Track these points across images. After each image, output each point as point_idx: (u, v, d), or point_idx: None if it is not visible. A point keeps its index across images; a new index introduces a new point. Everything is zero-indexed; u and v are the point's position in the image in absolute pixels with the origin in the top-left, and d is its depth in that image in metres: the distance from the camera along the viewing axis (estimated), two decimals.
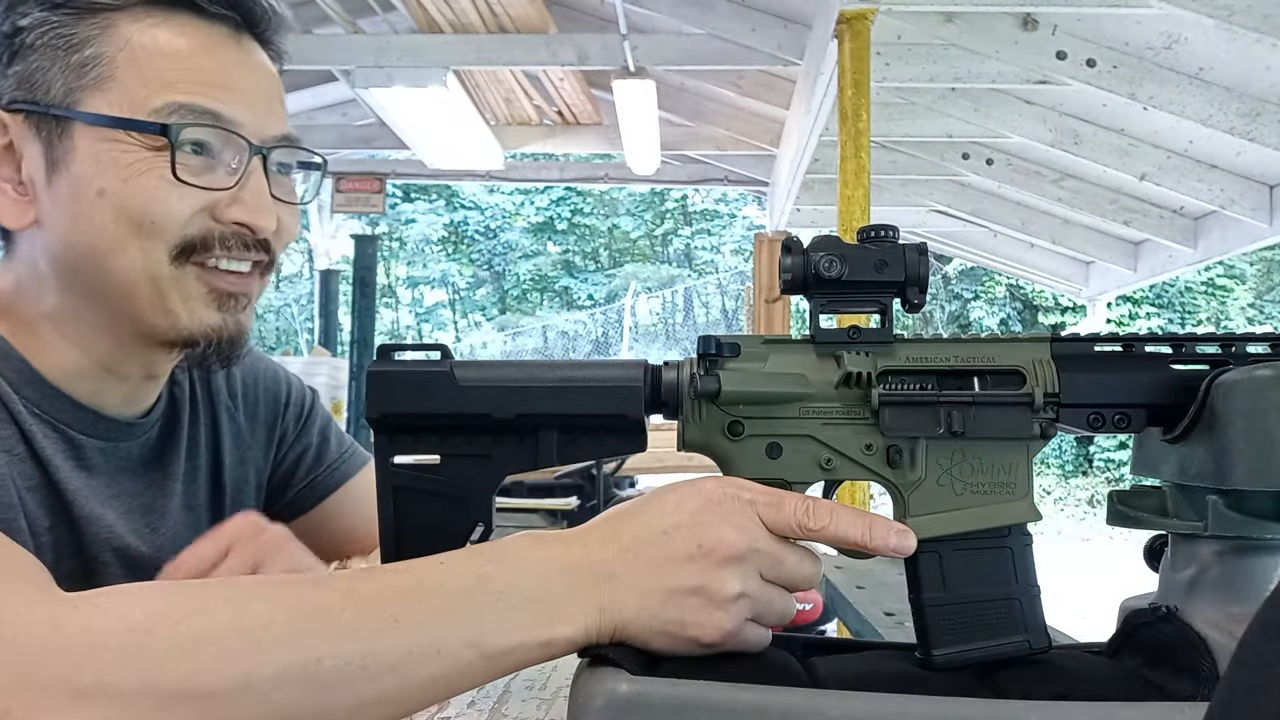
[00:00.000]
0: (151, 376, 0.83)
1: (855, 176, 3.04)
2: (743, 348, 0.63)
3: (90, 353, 0.78)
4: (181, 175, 0.73)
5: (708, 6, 4.56)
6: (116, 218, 0.73)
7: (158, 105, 0.72)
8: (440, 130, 5.51)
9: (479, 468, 0.65)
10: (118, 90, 0.72)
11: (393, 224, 18.97)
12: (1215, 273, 14.29)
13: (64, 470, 0.76)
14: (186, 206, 0.74)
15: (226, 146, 0.75)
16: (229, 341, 0.78)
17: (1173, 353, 0.62)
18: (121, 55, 0.73)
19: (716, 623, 0.56)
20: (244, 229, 0.76)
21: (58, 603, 0.53)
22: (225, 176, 0.75)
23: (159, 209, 0.73)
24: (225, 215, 0.75)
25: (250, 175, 0.76)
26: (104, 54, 0.73)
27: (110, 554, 0.79)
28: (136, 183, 0.72)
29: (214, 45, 0.76)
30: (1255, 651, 0.31)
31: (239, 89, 0.76)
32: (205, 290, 0.76)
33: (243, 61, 0.77)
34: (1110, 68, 3.58)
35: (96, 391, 0.79)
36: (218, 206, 0.75)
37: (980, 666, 0.60)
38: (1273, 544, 0.58)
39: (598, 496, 3.57)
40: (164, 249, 0.74)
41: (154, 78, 0.73)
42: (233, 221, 0.76)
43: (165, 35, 0.74)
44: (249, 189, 0.76)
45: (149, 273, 0.74)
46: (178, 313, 0.75)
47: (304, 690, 0.52)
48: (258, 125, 0.77)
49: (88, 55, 0.72)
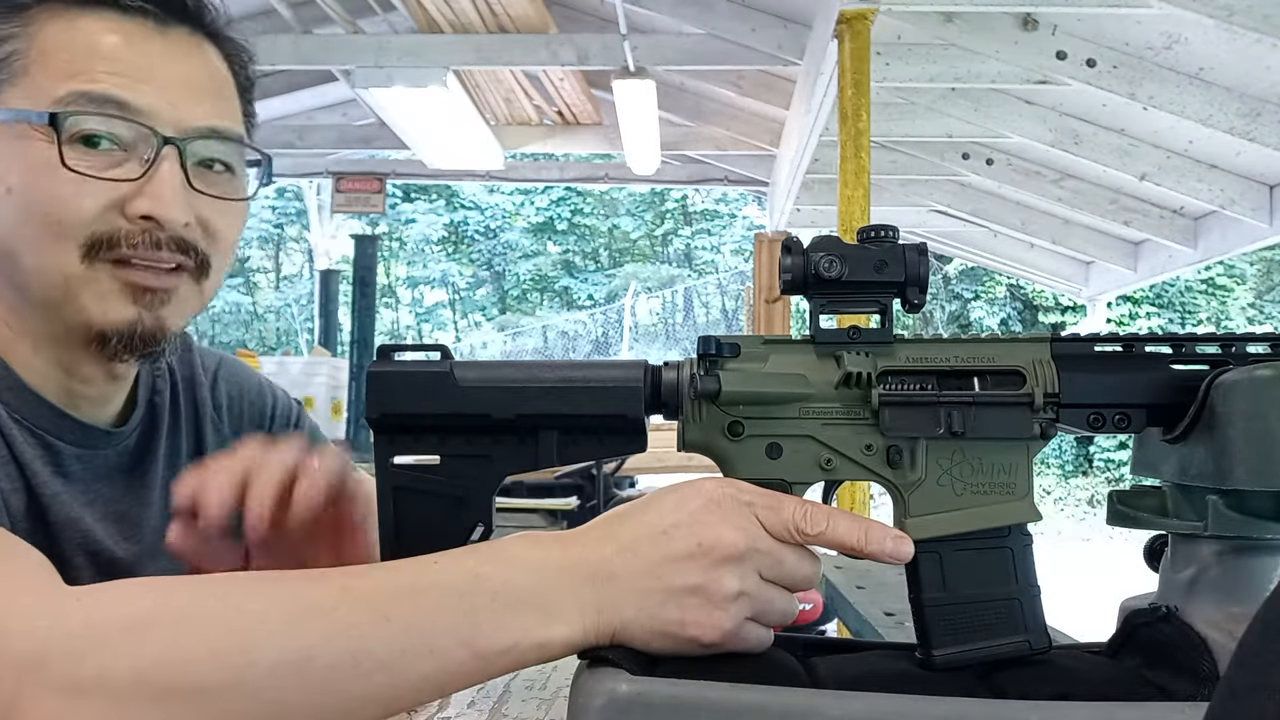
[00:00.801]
0: (114, 378, 0.81)
1: (855, 176, 3.04)
2: (743, 348, 0.63)
3: (43, 353, 0.76)
4: (77, 166, 0.71)
5: (708, 6, 4.56)
6: (24, 215, 0.71)
7: (60, 95, 0.71)
8: (440, 130, 5.51)
9: (479, 468, 0.64)
10: (29, 84, 0.72)
11: (393, 224, 18.97)
12: (1215, 273, 14.29)
13: (42, 475, 0.76)
14: (90, 201, 0.71)
15: (137, 138, 0.73)
16: (143, 338, 0.75)
17: (1173, 353, 0.62)
18: (34, 49, 0.72)
19: (716, 622, 0.56)
20: (151, 223, 0.73)
21: (61, 597, 0.54)
22: (136, 168, 0.73)
23: (59, 204, 0.71)
24: (130, 209, 0.72)
25: (159, 165, 0.73)
26: (19, 49, 0.72)
27: (84, 558, 0.79)
28: (38, 177, 0.71)
29: (129, 37, 0.74)
30: (1255, 651, 0.31)
31: (154, 79, 0.73)
32: (120, 286, 0.73)
33: (164, 53, 0.75)
34: (1110, 68, 3.58)
35: (66, 393, 0.78)
36: (126, 201, 0.73)
37: (980, 666, 0.60)
38: (1273, 544, 0.58)
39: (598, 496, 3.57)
40: (73, 247, 0.72)
41: (60, 69, 0.71)
42: (139, 215, 0.73)
43: (80, 29, 0.73)
44: (156, 180, 0.73)
45: (61, 271, 0.72)
46: (90, 309, 0.73)
47: (296, 687, 0.52)
48: (173, 115, 0.74)
49: (6, 51, 0.72)
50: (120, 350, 0.75)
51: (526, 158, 8.30)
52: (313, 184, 7.85)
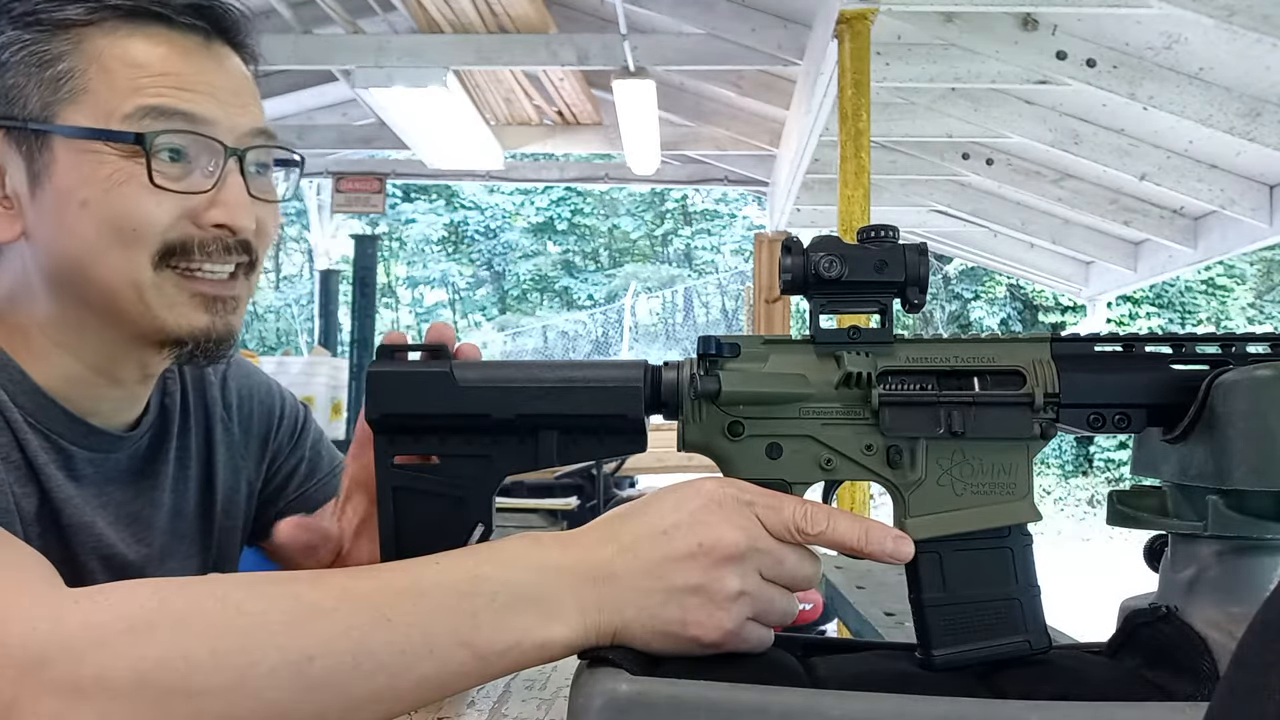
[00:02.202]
0: (147, 377, 0.83)
1: (855, 176, 3.04)
2: (743, 348, 0.63)
3: (85, 358, 0.78)
4: (159, 181, 0.73)
5: (708, 6, 4.56)
6: (99, 228, 0.73)
7: (129, 110, 0.73)
8: (440, 130, 5.51)
9: (479, 468, 0.65)
10: (91, 102, 0.73)
11: (393, 224, 18.98)
12: (1215, 273, 14.29)
13: (55, 479, 0.77)
14: (166, 212, 0.74)
15: (202, 150, 0.75)
16: (216, 342, 0.78)
17: (1173, 353, 0.62)
18: (93, 68, 0.73)
19: (717, 622, 0.56)
20: (224, 230, 0.76)
21: (61, 598, 0.54)
22: (202, 179, 0.76)
23: (140, 217, 0.73)
24: (205, 219, 0.76)
25: (227, 177, 0.76)
26: (76, 67, 0.73)
27: (97, 561, 0.80)
28: (117, 192, 0.73)
29: (184, 52, 0.76)
30: (1255, 651, 0.31)
31: (210, 90, 0.76)
32: (188, 295, 0.76)
33: (214, 66, 0.78)
34: (1110, 68, 3.58)
35: (92, 397, 0.79)
36: (197, 210, 0.75)
37: (980, 666, 0.60)
38: (1273, 544, 0.58)
39: (598, 496, 3.57)
40: (146, 256, 0.74)
41: (124, 85, 0.73)
42: (212, 224, 0.76)
43: (135, 45, 0.74)
44: (226, 190, 0.76)
45: (131, 279, 0.74)
46: (163, 317, 0.76)
47: (296, 688, 0.52)
48: (231, 124, 0.77)
49: (61, 70, 0.73)
50: (197, 354, 0.78)
51: (526, 158, 8.31)
52: (313, 184, 7.85)
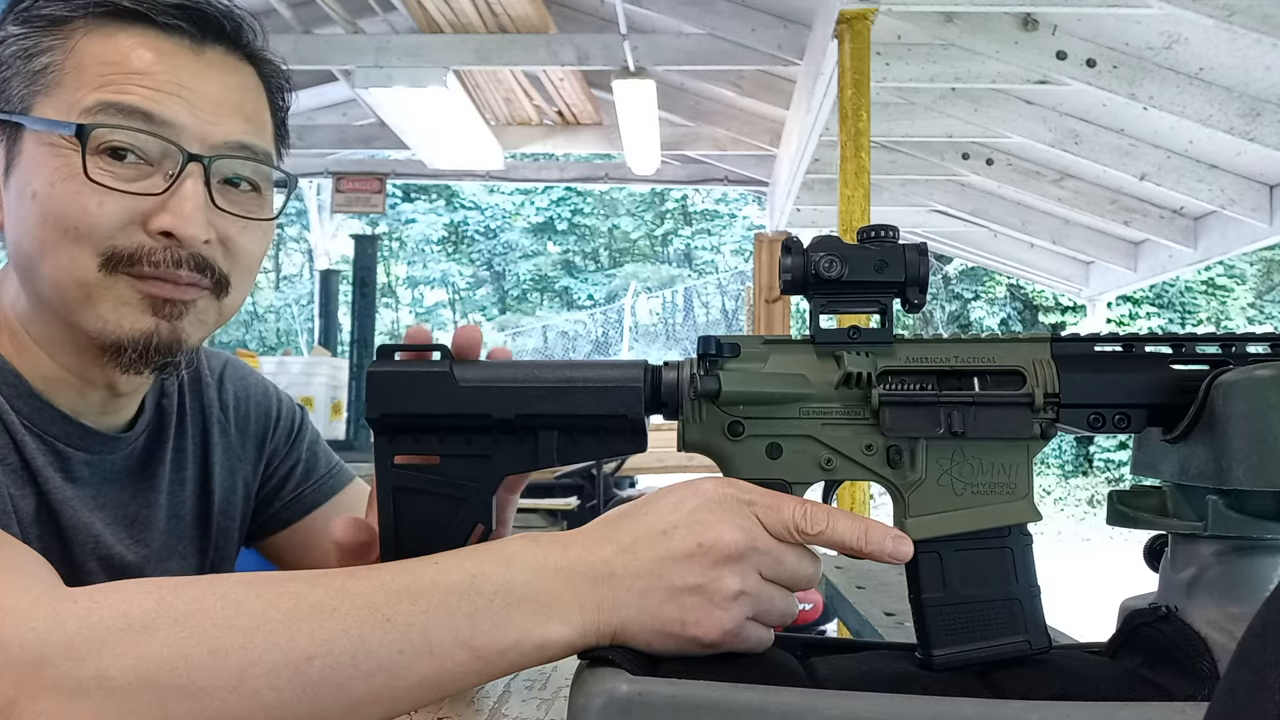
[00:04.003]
0: (118, 392, 0.80)
1: (855, 176, 3.04)
2: (743, 348, 0.63)
3: (57, 358, 0.77)
4: (100, 178, 0.71)
5: (708, 6, 4.56)
6: (44, 221, 0.72)
7: (88, 104, 0.71)
8: (440, 130, 5.50)
9: (479, 468, 0.65)
10: (60, 95, 0.72)
11: (393, 224, 18.98)
12: (1215, 273, 14.29)
13: (53, 481, 0.76)
14: (110, 213, 0.71)
15: (162, 153, 0.73)
16: (158, 349, 0.74)
17: (1173, 353, 0.62)
18: (69, 61, 0.73)
19: (717, 622, 0.56)
20: (171, 240, 0.73)
21: (60, 598, 0.54)
22: (160, 183, 0.73)
23: (79, 213, 0.71)
24: (152, 224, 0.72)
25: (183, 182, 0.73)
26: (55, 61, 0.73)
27: (96, 562, 0.79)
28: (62, 186, 0.71)
29: (167, 54, 0.74)
30: (1255, 651, 0.31)
31: (184, 95, 0.74)
32: (139, 296, 0.73)
33: (198, 70, 0.75)
34: (1110, 68, 3.58)
35: (77, 400, 0.79)
36: (147, 215, 0.72)
37: (980, 666, 0.60)
38: (1273, 544, 0.58)
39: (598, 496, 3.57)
40: (91, 255, 0.72)
41: (92, 80, 0.72)
42: (159, 231, 0.72)
43: (113, 43, 0.73)
44: (178, 196, 0.73)
45: (76, 278, 0.72)
46: (106, 318, 0.73)
47: (295, 688, 0.52)
48: (201, 130, 0.74)
49: (43, 63, 0.73)
50: (135, 361, 0.74)
51: (526, 158, 8.30)
52: (313, 184, 7.86)
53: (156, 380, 0.87)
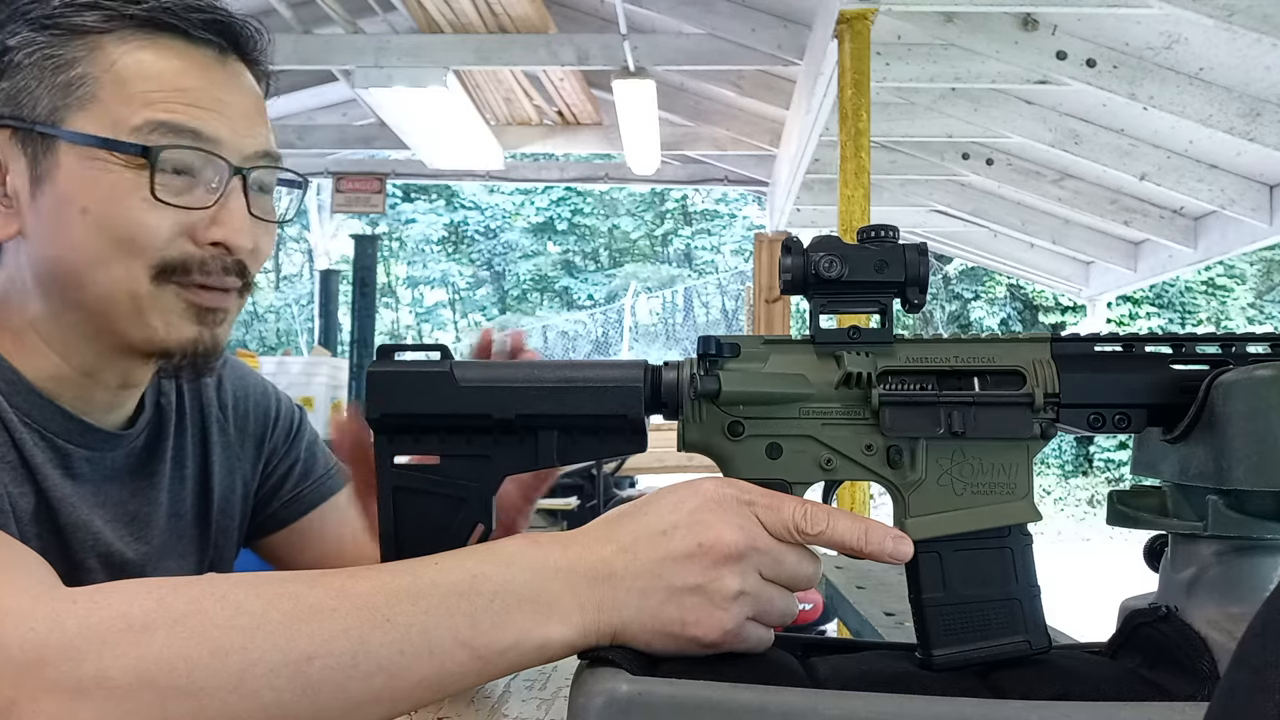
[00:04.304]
0: (130, 385, 0.83)
1: (855, 176, 3.04)
2: (743, 348, 0.63)
3: (71, 360, 0.78)
4: (161, 195, 0.73)
5: (708, 6, 4.56)
6: (99, 236, 0.73)
7: (138, 123, 0.73)
8: (440, 130, 5.51)
9: (479, 468, 0.65)
10: (101, 110, 0.73)
11: (393, 224, 18.99)
12: (1215, 273, 14.29)
13: (52, 478, 0.77)
14: (166, 227, 0.74)
15: (207, 166, 0.75)
16: (204, 355, 0.78)
17: (1173, 353, 0.62)
18: (106, 76, 0.73)
19: (717, 622, 0.56)
20: (221, 249, 0.76)
21: (59, 598, 0.54)
22: (205, 195, 0.75)
23: (139, 229, 0.73)
24: (203, 236, 0.76)
25: (230, 195, 0.76)
26: (89, 74, 0.73)
27: (96, 560, 0.80)
28: (119, 203, 0.73)
29: (198, 67, 0.76)
30: (1255, 651, 0.31)
31: (221, 108, 0.76)
32: (184, 306, 0.76)
33: (226, 83, 0.77)
34: (1110, 68, 3.58)
35: (80, 398, 0.79)
36: (196, 227, 0.75)
37: (980, 666, 0.60)
38: (1273, 544, 0.58)
39: (598, 496, 3.57)
40: (144, 268, 0.74)
41: (136, 97, 0.73)
42: (210, 242, 0.76)
43: (150, 57, 0.74)
44: (227, 208, 0.76)
45: (129, 290, 0.74)
46: (156, 327, 0.76)
47: (295, 689, 0.52)
48: (238, 143, 0.76)
49: (74, 75, 0.73)
50: (183, 366, 0.78)
51: (526, 158, 8.30)
52: (313, 184, 7.86)
53: (154, 379, 0.87)
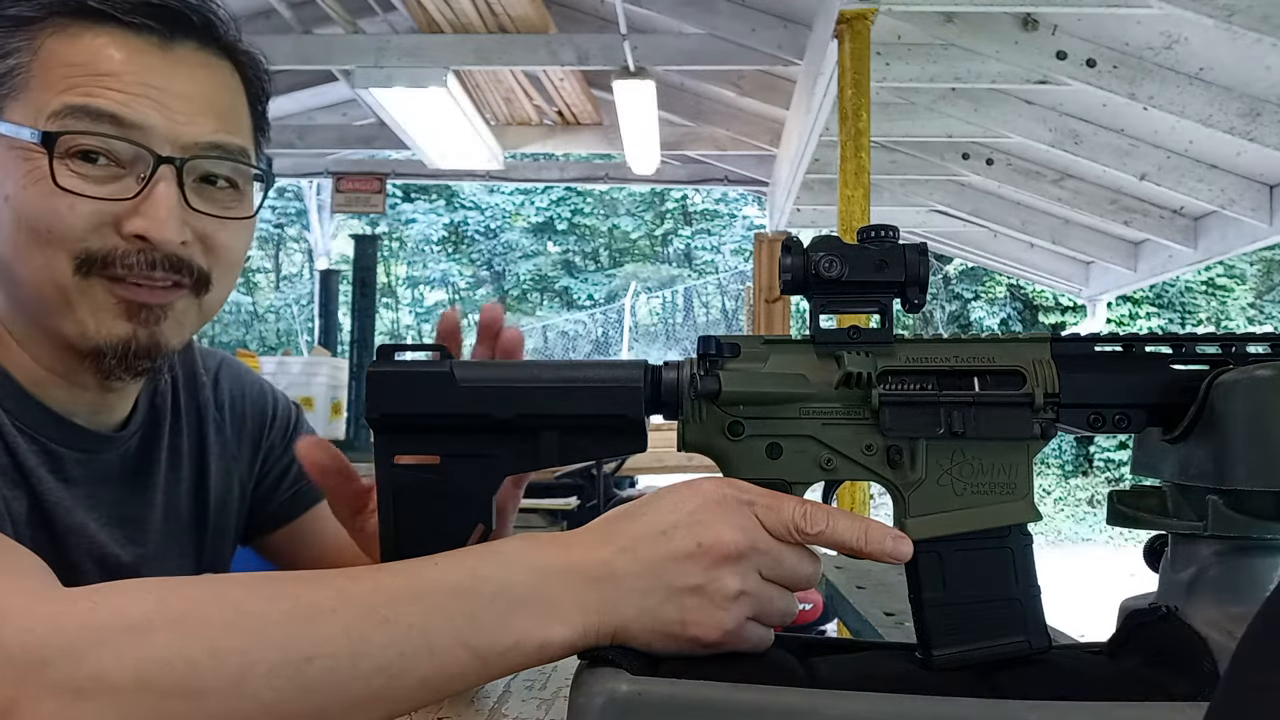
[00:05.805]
0: (110, 390, 0.80)
1: (855, 176, 3.04)
2: (743, 348, 0.63)
3: (41, 360, 0.77)
4: (67, 184, 0.71)
5: (708, 6, 4.56)
6: (17, 225, 0.72)
7: (55, 108, 0.71)
8: (440, 130, 5.50)
9: (479, 468, 0.65)
10: (27, 98, 0.72)
11: (393, 224, 18.98)
12: (1215, 273, 14.28)
13: (46, 482, 0.76)
14: (81, 216, 0.71)
15: (136, 156, 0.73)
16: (137, 354, 0.75)
17: (1173, 353, 0.62)
18: (35, 64, 0.72)
19: (717, 622, 0.56)
20: (145, 243, 0.73)
21: (58, 599, 0.54)
22: (133, 185, 0.73)
23: (51, 217, 0.71)
24: (126, 228, 0.72)
25: (155, 185, 0.72)
26: (22, 63, 0.72)
27: (91, 563, 0.79)
28: (32, 190, 0.71)
29: (135, 53, 0.73)
30: (1255, 651, 0.31)
31: (154, 95, 0.73)
32: (114, 301, 0.73)
33: (167, 69, 0.74)
34: (1110, 68, 3.58)
35: (65, 400, 0.78)
36: (120, 218, 0.72)
37: (980, 666, 0.60)
38: (1273, 544, 0.58)
39: (598, 496, 3.57)
40: (65, 259, 0.72)
41: (58, 82, 0.72)
42: (132, 234, 0.72)
43: (80, 44, 0.72)
44: (151, 199, 0.72)
45: (53, 281, 0.72)
46: (85, 322, 0.73)
47: (295, 689, 0.52)
48: (173, 131, 0.73)
49: (10, 65, 0.72)
50: (115, 367, 0.74)
51: (526, 158, 8.30)
52: (313, 184, 7.87)
53: (146, 381, 0.87)
